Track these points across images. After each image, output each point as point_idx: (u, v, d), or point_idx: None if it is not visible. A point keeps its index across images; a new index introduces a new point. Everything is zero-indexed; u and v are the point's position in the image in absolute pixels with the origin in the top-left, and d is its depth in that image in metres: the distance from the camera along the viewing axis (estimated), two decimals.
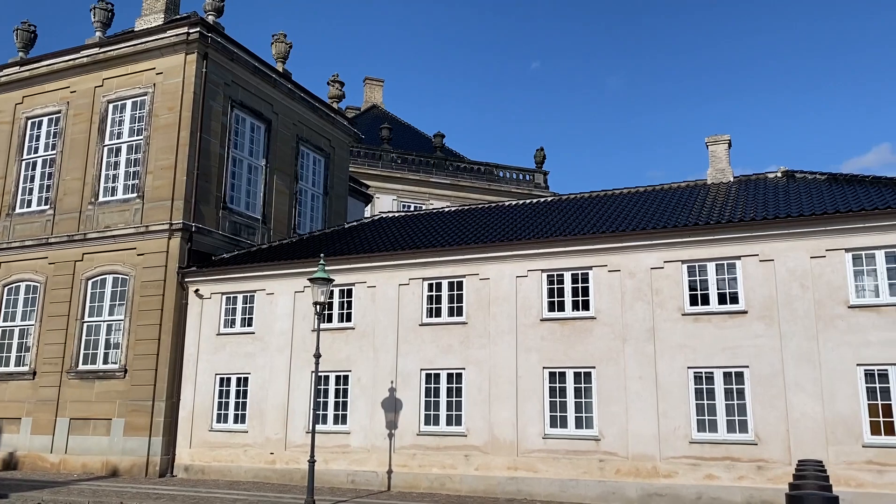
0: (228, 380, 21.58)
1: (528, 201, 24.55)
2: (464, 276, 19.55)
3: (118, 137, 24.28)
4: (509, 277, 18.99)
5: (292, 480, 19.82)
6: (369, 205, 37.03)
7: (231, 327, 21.97)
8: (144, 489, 17.85)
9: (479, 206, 25.97)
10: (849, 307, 15.77)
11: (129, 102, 24.33)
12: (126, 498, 16.03)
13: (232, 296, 22.12)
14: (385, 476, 18.99)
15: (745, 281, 16.79)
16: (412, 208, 38.28)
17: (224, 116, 24.31)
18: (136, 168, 23.64)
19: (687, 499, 16.08)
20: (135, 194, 23.41)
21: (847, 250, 16.07)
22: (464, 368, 18.96)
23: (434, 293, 19.83)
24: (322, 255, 17.69)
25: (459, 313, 19.44)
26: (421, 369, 19.39)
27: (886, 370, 15.27)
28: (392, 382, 19.54)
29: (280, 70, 27.36)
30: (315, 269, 17.83)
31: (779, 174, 20.97)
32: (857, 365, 15.47)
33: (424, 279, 19.93)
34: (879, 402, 15.24)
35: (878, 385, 15.31)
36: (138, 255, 22.68)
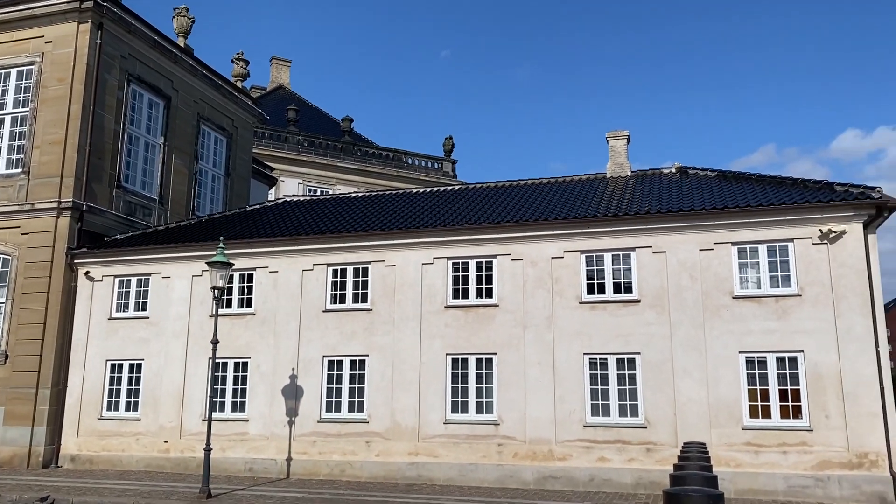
0: (120, 366, 20.70)
1: (435, 189, 24.67)
2: (369, 262, 19.46)
3: (1, 108, 22.71)
4: (415, 264, 19.05)
5: (187, 469, 19.26)
6: (273, 188, 36.23)
7: (124, 312, 21.06)
8: (26, 481, 16.92)
9: (387, 192, 25.89)
10: (733, 297, 16.72)
11: (13, 72, 22.79)
12: (5, 490, 15.15)
13: (125, 279, 21.19)
14: (284, 463, 18.74)
15: (639, 271, 17.50)
16: (318, 193, 37.70)
17: (120, 91, 23.16)
18: (22, 142, 22.20)
19: (580, 481, 16.68)
20: (19, 169, 22.00)
21: (733, 244, 17.00)
22: (367, 355, 18.92)
23: (339, 279, 19.66)
24: (222, 238, 17.20)
25: (364, 300, 19.36)
26: (323, 356, 19.20)
27: (765, 357, 16.30)
28: (293, 369, 19.26)
29: (181, 45, 26.27)
30: (214, 252, 17.33)
31: (673, 170, 21.92)
32: (740, 352, 16.44)
33: (329, 265, 19.72)
34: (758, 388, 16.26)
35: (757, 371, 16.32)
36: (23, 234, 21.35)
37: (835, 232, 16.18)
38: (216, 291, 15.93)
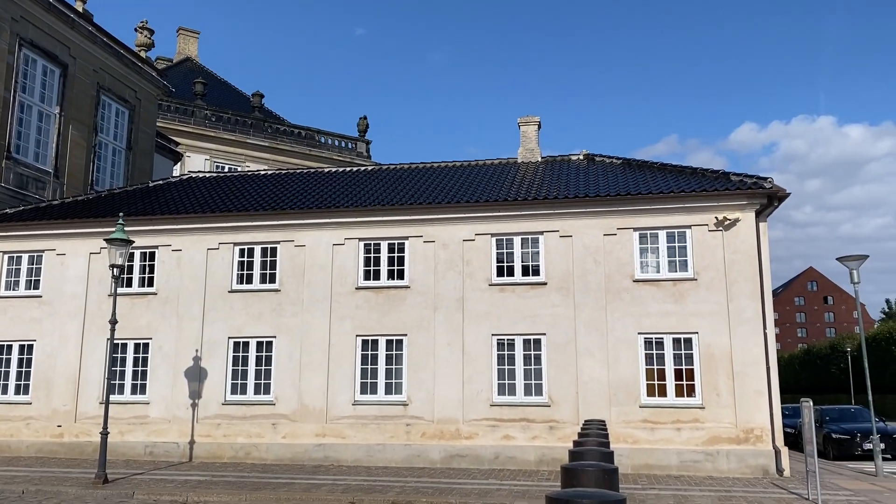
0: (9, 347, 19.59)
1: (348, 169, 24.41)
2: (278, 242, 19.10)
3: None
4: (326, 245, 18.83)
5: (83, 454, 18.49)
6: (179, 164, 34.92)
7: (14, 290, 19.91)
8: None
9: (299, 171, 25.42)
10: (634, 281, 17.36)
11: None
12: None
13: (15, 255, 20.02)
14: (187, 447, 18.26)
15: (547, 255, 17.91)
16: (226, 170, 36.60)
17: (10, 56, 21.73)
18: None
19: (486, 458, 17.03)
20: None
21: (635, 229, 17.63)
22: (275, 337, 18.62)
23: (246, 259, 19.22)
24: (121, 214, 16.47)
25: (272, 280, 19.01)
26: (229, 337, 18.77)
27: (662, 338, 17.04)
28: (197, 351, 18.75)
29: (79, 10, 24.86)
30: (113, 229, 16.60)
31: (581, 157, 22.48)
32: (639, 333, 17.12)
33: (236, 244, 19.24)
34: (655, 368, 16.99)
35: (654, 352, 17.05)
36: None
37: (729, 219, 17.02)
38: (115, 270, 15.27)
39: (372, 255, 18.73)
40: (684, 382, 16.79)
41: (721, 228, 17.09)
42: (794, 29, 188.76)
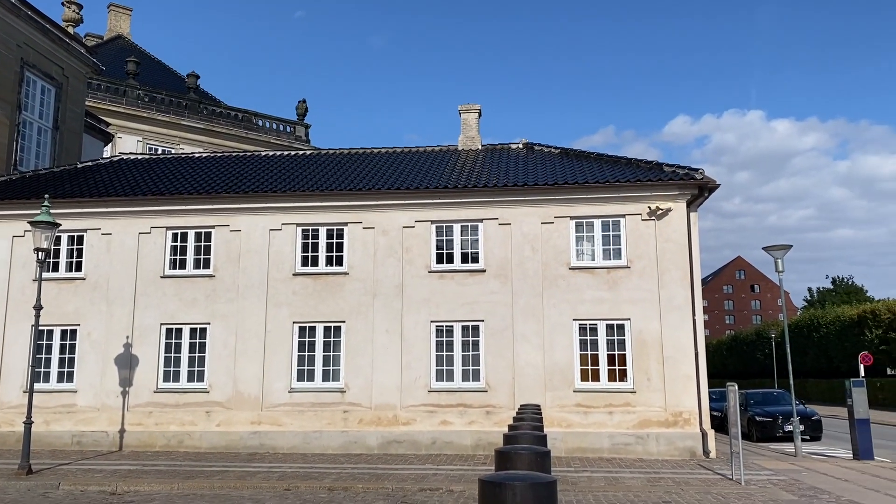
0: None
1: (286, 153, 24.03)
2: (213, 226, 18.71)
3: None
4: (262, 230, 18.54)
5: (5, 445, 17.81)
6: (109, 145, 33.73)
7: None
8: None
9: (235, 154, 24.89)
10: (570, 268, 17.68)
11: None
12: None
13: None
14: (117, 435, 17.79)
15: (486, 242, 18.06)
16: (160, 152, 35.58)
17: None
18: None
19: (423, 444, 17.14)
20: None
21: (572, 218, 17.93)
22: (209, 323, 18.27)
23: (179, 244, 18.76)
24: (47, 195, 15.84)
25: (207, 266, 18.62)
26: (161, 324, 18.33)
27: (596, 324, 17.43)
28: (128, 338, 18.24)
29: None
30: (38, 211, 15.93)
31: (520, 146, 22.68)
32: (574, 320, 17.46)
33: (169, 228, 18.75)
34: (589, 353, 17.37)
35: (588, 338, 17.43)
36: None
37: (662, 209, 17.48)
38: (40, 254, 14.69)
39: (310, 240, 18.53)
40: (616, 367, 17.23)
41: (654, 218, 17.54)
42: (727, 24, 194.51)
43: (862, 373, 29.01)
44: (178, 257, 18.71)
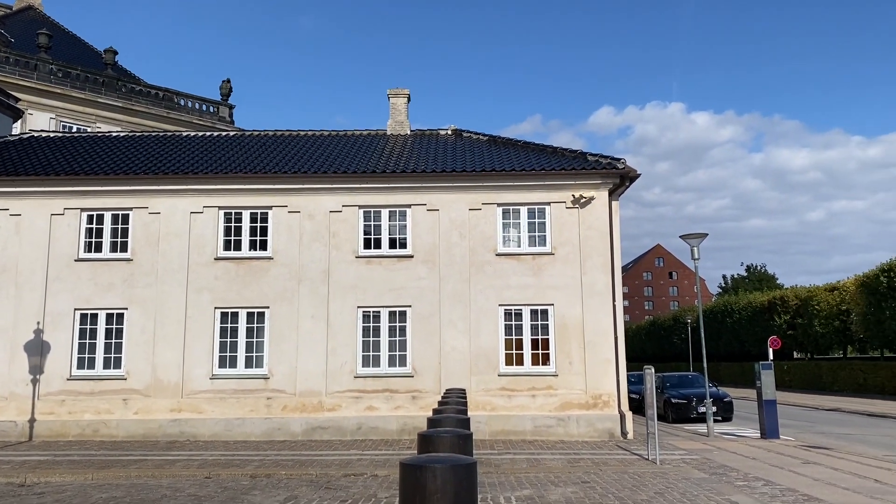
0: None
1: (209, 134, 23.37)
2: (131, 208, 18.07)
3: None
4: (183, 213, 18.02)
5: None
6: (19, 121, 32.00)
7: None
8: None
9: (155, 133, 24.05)
10: (496, 255, 17.89)
11: None
12: None
13: None
14: (27, 425, 17.05)
15: (414, 228, 18.08)
16: (74, 130, 34.01)
17: None
18: None
19: (348, 430, 17.10)
20: None
21: (499, 205, 18.13)
22: (127, 308, 17.68)
23: (95, 226, 18.05)
24: None
25: (124, 249, 17.99)
26: (76, 309, 17.62)
27: (521, 310, 17.72)
28: (39, 324, 17.47)
29: None
30: None
31: (449, 132, 22.74)
32: (499, 305, 17.70)
33: (84, 210, 18.01)
34: (514, 338, 17.66)
35: (513, 323, 17.71)
36: None
37: (585, 197, 17.87)
38: None
39: (233, 224, 18.13)
40: (540, 352, 17.58)
41: (577, 206, 17.92)
42: (652, 18, 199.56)
43: (770, 356, 30.56)
44: (93, 240, 18.00)
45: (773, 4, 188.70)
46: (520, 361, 17.55)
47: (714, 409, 22.32)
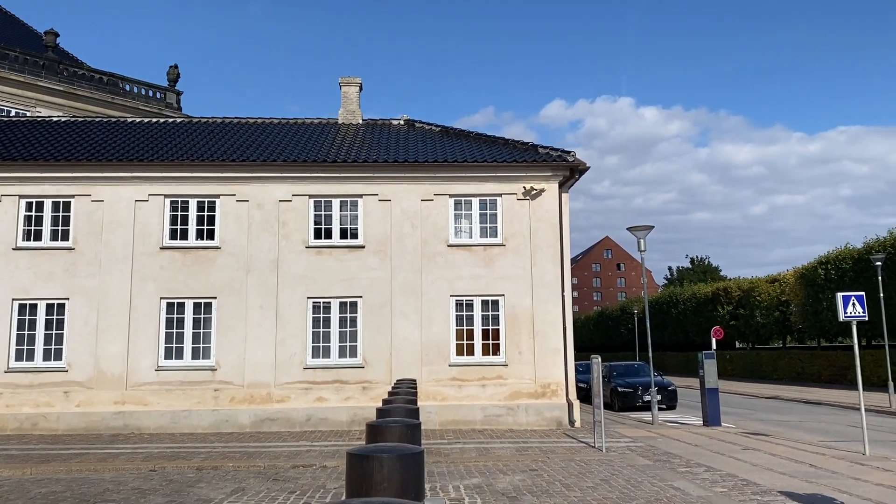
0: None
1: (155, 120, 22.80)
2: (72, 196, 17.55)
3: None
4: (127, 201, 17.58)
5: None
6: None
7: None
8: None
9: (99, 119, 23.36)
10: (448, 246, 17.94)
11: None
12: None
13: None
14: None
15: (365, 218, 17.99)
16: (12, 114, 32.77)
17: None
18: None
19: (297, 421, 16.98)
20: None
21: (451, 196, 18.17)
22: (68, 298, 17.19)
23: (34, 213, 17.47)
24: None
25: (66, 237, 17.47)
26: (13, 299, 17.06)
27: (472, 300, 17.83)
28: None
29: None
30: None
31: (402, 122, 22.66)
32: (451, 296, 17.77)
33: (22, 196, 17.41)
34: (465, 328, 17.76)
35: (465, 313, 17.81)
36: None
37: (536, 189, 18.04)
38: None
39: (179, 213, 17.76)
40: (490, 342, 17.72)
41: (528, 198, 18.07)
42: (603, 13, 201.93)
43: (714, 346, 31.41)
44: (32, 228, 17.42)
45: (720, 1, 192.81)
46: (470, 352, 17.67)
47: (659, 397, 22.85)
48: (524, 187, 18.01)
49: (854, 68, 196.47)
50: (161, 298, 17.33)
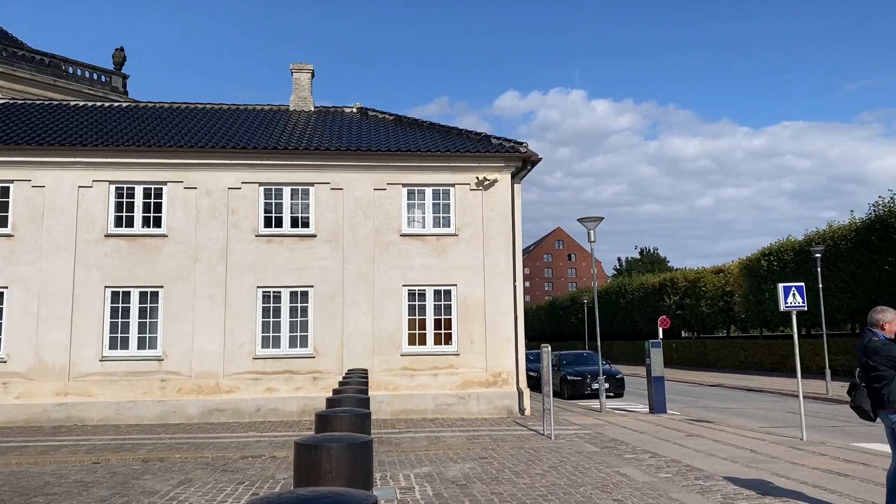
0: None
1: (99, 104, 22.14)
2: (11, 181, 16.95)
3: None
4: (70, 187, 17.06)
5: None
6: None
7: None
8: None
9: (40, 102, 22.57)
10: (401, 235, 17.90)
11: None
12: None
13: None
14: None
15: (317, 206, 17.82)
16: None
17: None
18: None
19: (247, 412, 16.79)
20: None
21: (404, 185, 18.12)
22: (7, 287, 16.62)
23: None
24: None
25: (4, 224, 16.88)
26: None
27: (425, 290, 17.85)
28: None
29: None
30: None
31: (354, 110, 22.47)
32: (403, 286, 17.75)
33: None
34: (417, 318, 17.78)
35: (417, 303, 17.82)
36: None
37: (489, 180, 18.11)
38: None
39: (125, 200, 17.32)
40: (443, 331, 17.78)
41: (481, 188, 18.14)
42: (556, 5, 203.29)
43: (660, 335, 32.09)
44: None
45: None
46: (423, 341, 17.70)
47: (607, 385, 23.26)
48: (477, 178, 18.06)
49: (798, 65, 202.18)
50: (106, 287, 16.90)
